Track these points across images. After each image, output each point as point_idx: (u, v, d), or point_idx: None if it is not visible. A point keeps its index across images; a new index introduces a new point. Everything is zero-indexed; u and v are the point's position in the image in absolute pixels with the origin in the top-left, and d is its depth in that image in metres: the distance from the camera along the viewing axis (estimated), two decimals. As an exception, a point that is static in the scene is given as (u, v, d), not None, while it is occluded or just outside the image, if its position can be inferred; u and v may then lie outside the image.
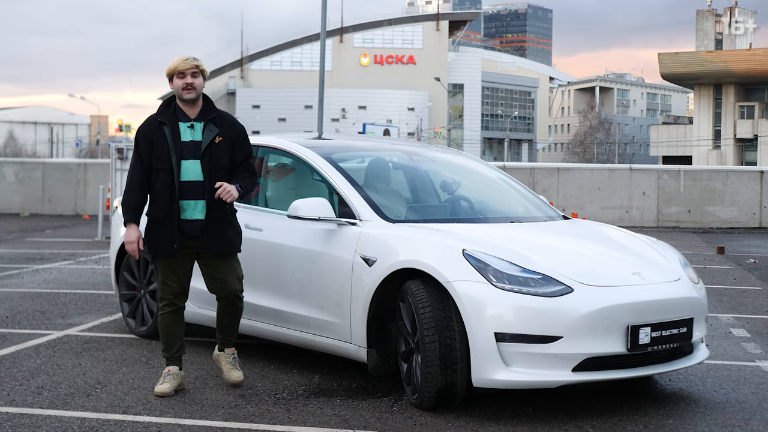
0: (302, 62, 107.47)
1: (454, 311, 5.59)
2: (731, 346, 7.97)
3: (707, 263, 15.35)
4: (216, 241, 6.10)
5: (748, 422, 5.63)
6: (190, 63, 6.12)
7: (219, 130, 6.13)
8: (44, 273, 12.78)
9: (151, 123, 6.15)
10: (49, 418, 5.53)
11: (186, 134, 6.11)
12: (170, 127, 6.09)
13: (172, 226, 6.05)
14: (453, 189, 7.42)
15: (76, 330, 8.37)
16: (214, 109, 6.23)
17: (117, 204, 8.66)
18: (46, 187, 27.56)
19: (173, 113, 6.15)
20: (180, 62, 6.11)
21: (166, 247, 6.10)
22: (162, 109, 6.18)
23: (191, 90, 6.10)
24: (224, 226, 6.13)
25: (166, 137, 6.06)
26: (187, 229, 6.09)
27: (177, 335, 6.25)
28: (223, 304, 6.30)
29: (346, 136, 9.38)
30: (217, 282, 6.23)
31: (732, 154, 74.37)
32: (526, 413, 5.71)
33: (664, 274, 6.06)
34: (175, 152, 6.04)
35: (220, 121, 6.18)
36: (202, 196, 6.07)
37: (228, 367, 6.31)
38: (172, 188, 6.04)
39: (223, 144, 6.12)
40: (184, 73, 6.10)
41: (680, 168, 26.04)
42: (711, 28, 79.03)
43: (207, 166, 6.06)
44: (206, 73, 6.20)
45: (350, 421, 5.54)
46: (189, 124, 6.13)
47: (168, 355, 6.25)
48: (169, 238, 6.07)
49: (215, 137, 6.11)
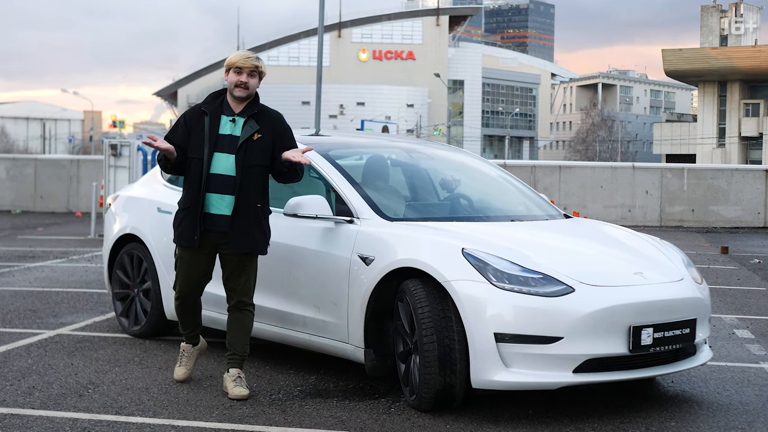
0: (299, 57, 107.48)
1: (453, 311, 5.59)
2: (735, 348, 7.97)
3: (711, 263, 15.36)
4: (240, 238, 6.08)
5: (752, 425, 5.63)
6: (251, 62, 6.13)
7: (259, 127, 6.13)
8: (36, 271, 12.78)
9: (195, 111, 6.23)
10: (41, 419, 5.53)
11: (225, 127, 6.13)
12: (211, 118, 6.13)
13: (194, 217, 6.08)
14: (452, 187, 7.42)
15: (68, 329, 8.37)
16: (259, 105, 6.23)
17: (110, 201, 8.67)
18: (38, 183, 27.55)
19: (219, 105, 6.20)
20: (241, 58, 6.13)
21: (187, 237, 6.12)
22: (209, 100, 6.24)
23: (244, 89, 6.13)
24: (252, 225, 6.10)
25: (204, 127, 6.11)
26: (211, 223, 6.10)
27: (191, 320, 6.49)
28: (231, 306, 6.28)
29: (344, 132, 9.38)
30: (230, 281, 6.22)
31: (736, 153, 74.43)
32: (526, 415, 5.72)
33: (666, 274, 6.06)
34: (209, 143, 6.07)
35: (263, 117, 6.19)
36: (231, 191, 6.07)
37: (231, 385, 6.11)
38: (200, 179, 6.06)
39: (261, 141, 6.10)
40: (241, 70, 6.12)
41: (684, 166, 26.05)
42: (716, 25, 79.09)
43: (240, 162, 6.05)
44: (264, 74, 6.23)
45: (347, 422, 5.54)
46: (231, 118, 6.15)
47: (183, 333, 6.53)
48: (191, 228, 6.09)
49: (254, 134, 6.10)
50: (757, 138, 74.45)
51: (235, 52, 6.25)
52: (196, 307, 6.44)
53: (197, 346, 6.57)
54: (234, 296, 6.23)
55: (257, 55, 6.24)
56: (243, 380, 6.16)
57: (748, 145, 75.85)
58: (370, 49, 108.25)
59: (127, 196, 8.42)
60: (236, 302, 6.24)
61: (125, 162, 19.82)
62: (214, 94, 6.28)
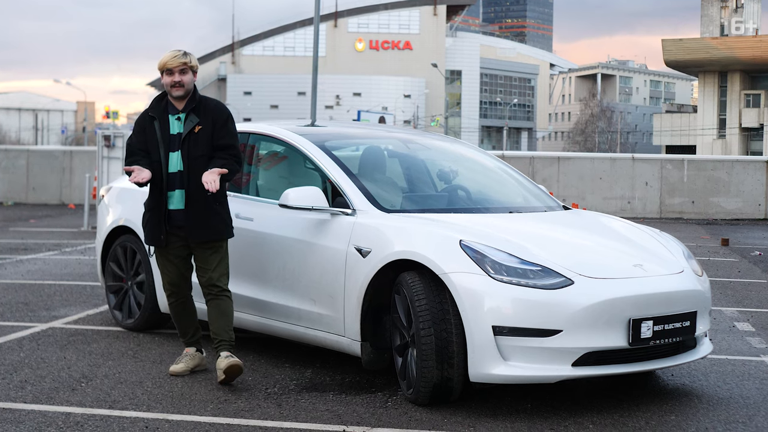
0: (295, 47, 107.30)
1: (450, 304, 5.59)
2: (735, 341, 7.98)
3: (711, 255, 15.37)
4: (197, 228, 6.30)
5: (752, 418, 5.63)
6: (178, 60, 6.33)
7: (199, 119, 6.33)
8: (28, 264, 12.76)
9: (144, 117, 6.47)
10: (33, 413, 5.53)
11: (174, 127, 6.38)
12: (160, 121, 6.37)
13: (159, 217, 6.37)
14: (450, 178, 7.41)
15: (61, 322, 8.36)
16: (198, 99, 6.42)
17: (103, 193, 8.65)
18: (31, 175, 27.52)
19: (165, 107, 6.42)
20: (169, 59, 6.33)
21: (154, 237, 6.41)
22: (154, 104, 6.47)
23: (179, 87, 6.33)
24: (207, 214, 6.29)
25: (155, 131, 6.35)
26: (174, 219, 6.35)
27: (189, 322, 6.62)
28: (206, 295, 6.40)
29: (340, 123, 9.36)
30: (199, 270, 6.41)
31: (737, 144, 74.43)
32: (524, 409, 5.72)
33: (666, 267, 6.06)
34: (163, 145, 6.33)
35: (202, 109, 6.37)
36: (181, 185, 6.31)
37: (225, 363, 6.11)
38: (161, 180, 6.32)
39: (203, 132, 6.32)
40: (172, 71, 6.32)
41: (684, 158, 26.07)
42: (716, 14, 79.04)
43: (186, 155, 6.30)
44: (196, 68, 6.42)
45: (343, 416, 5.54)
46: (177, 116, 6.39)
47: (184, 341, 6.64)
48: (156, 228, 6.39)
49: (194, 127, 6.32)
50: (757, 129, 74.45)
51: (165, 53, 6.43)
52: (190, 307, 6.62)
53: (201, 354, 6.62)
54: (207, 284, 6.37)
55: (185, 51, 6.41)
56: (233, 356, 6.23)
57: (749, 136, 75.85)
58: (367, 39, 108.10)
59: (121, 188, 8.40)
60: (210, 289, 6.36)
61: (119, 153, 19.81)
62: (158, 97, 6.51)
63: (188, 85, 6.34)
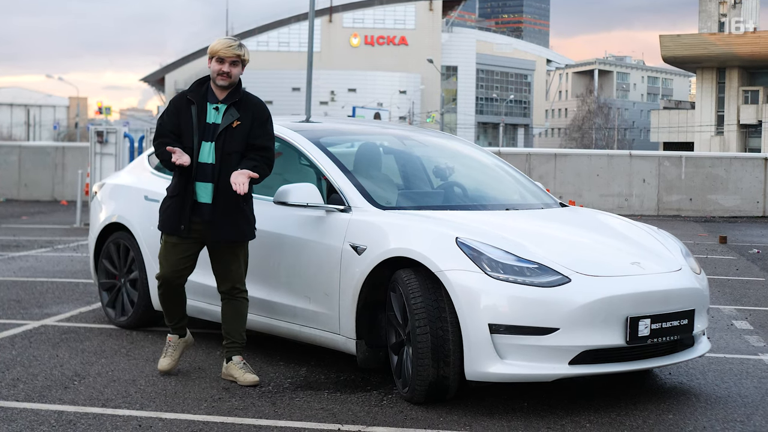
0: (290, 43, 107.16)
1: (446, 301, 5.59)
2: (733, 339, 7.99)
3: (709, 253, 15.39)
4: (224, 227, 6.16)
5: (750, 417, 5.64)
6: (233, 51, 6.17)
7: (240, 114, 6.18)
8: (20, 261, 12.74)
9: (182, 99, 6.29)
10: (25, 411, 5.52)
11: (211, 116, 6.22)
12: (198, 107, 6.20)
13: (183, 206, 6.16)
14: (446, 175, 7.42)
15: (54, 320, 8.35)
16: (241, 92, 6.27)
17: (96, 189, 8.64)
18: (23, 171, 27.47)
19: (204, 93, 6.26)
20: (223, 47, 6.17)
21: (173, 226, 6.21)
22: (194, 87, 6.31)
23: (226, 78, 6.19)
24: (233, 213, 6.17)
25: (191, 116, 6.18)
26: (198, 212, 6.17)
27: (176, 310, 6.45)
28: (223, 294, 6.34)
29: (335, 119, 9.36)
30: (218, 268, 6.31)
31: (735, 141, 74.47)
32: (521, 407, 5.72)
33: (664, 264, 6.07)
34: (197, 132, 6.16)
35: (244, 104, 6.23)
36: (211, 179, 6.15)
37: (240, 372, 6.21)
38: (190, 168, 6.13)
39: (241, 128, 6.17)
40: (223, 60, 6.17)
41: (682, 154, 26.07)
42: (714, 10, 79.02)
43: (220, 149, 6.15)
44: (247, 61, 6.26)
45: (338, 415, 5.54)
46: (215, 106, 6.23)
47: (169, 324, 6.50)
48: (178, 216, 6.18)
49: (234, 121, 6.17)
50: (756, 126, 74.49)
51: (218, 38, 6.29)
52: (180, 295, 6.44)
53: (184, 338, 6.55)
54: (226, 284, 6.29)
55: (240, 41, 6.28)
56: (248, 366, 6.29)
57: (747, 132, 75.89)
58: (362, 35, 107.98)
59: (114, 184, 8.40)
60: (230, 290, 6.29)
61: (111, 149, 19.77)
62: (199, 81, 6.34)
63: (235, 77, 6.21)
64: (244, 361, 6.30)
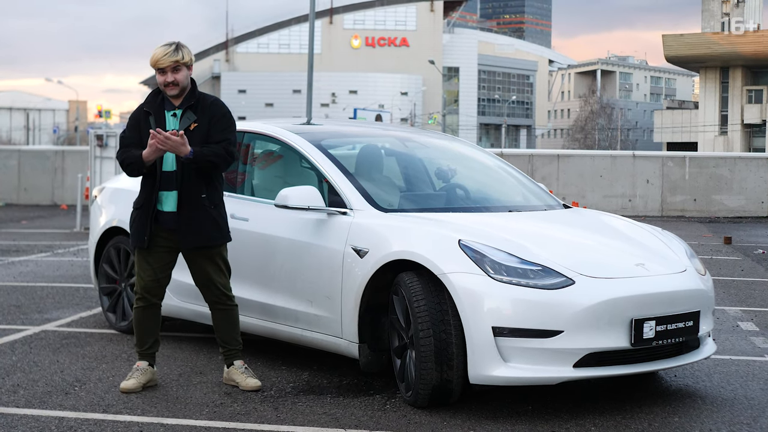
0: (290, 45, 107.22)
1: (449, 304, 5.58)
2: (739, 341, 7.98)
3: (714, 254, 15.38)
4: (189, 234, 6.10)
5: (757, 419, 5.63)
6: (170, 59, 6.03)
7: (196, 117, 6.12)
8: (20, 265, 12.74)
9: (140, 112, 6.23)
10: (26, 418, 5.52)
11: (170, 123, 6.14)
12: (155, 117, 6.13)
13: (145, 217, 6.12)
14: (448, 177, 7.41)
15: (54, 325, 8.35)
16: (196, 95, 6.20)
17: (96, 193, 8.64)
18: (22, 175, 27.48)
19: (161, 102, 6.19)
20: (160, 56, 6.04)
21: (138, 238, 6.16)
22: (150, 99, 6.23)
23: (173, 87, 6.10)
24: (200, 218, 6.10)
25: (150, 127, 6.08)
26: (162, 221, 6.11)
27: (150, 331, 6.27)
28: (210, 304, 6.31)
29: (336, 121, 9.36)
30: (198, 278, 6.26)
31: (739, 140, 74.45)
32: (525, 411, 5.71)
33: (669, 266, 6.06)
34: None
35: (200, 106, 6.16)
36: (175, 186, 6.09)
37: (242, 377, 6.20)
38: (154, 178, 6.10)
39: (198, 130, 6.09)
40: (164, 70, 6.07)
41: (685, 155, 26.06)
42: (717, 9, 79.01)
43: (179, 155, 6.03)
44: (190, 62, 6.14)
45: (341, 419, 5.53)
46: (172, 113, 6.16)
47: (139, 351, 6.28)
48: (142, 228, 6.13)
49: (190, 124, 6.11)
50: (760, 125, 74.48)
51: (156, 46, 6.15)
52: (156, 315, 6.29)
53: (152, 369, 6.28)
54: (212, 293, 6.24)
55: (178, 43, 6.12)
56: (249, 370, 6.28)
57: (751, 132, 75.87)
58: (363, 36, 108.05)
59: (114, 188, 8.39)
60: (218, 298, 6.25)
61: (111, 153, 19.79)
62: (154, 91, 6.26)
63: (183, 82, 6.10)
64: (245, 366, 6.29)
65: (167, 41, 6.17)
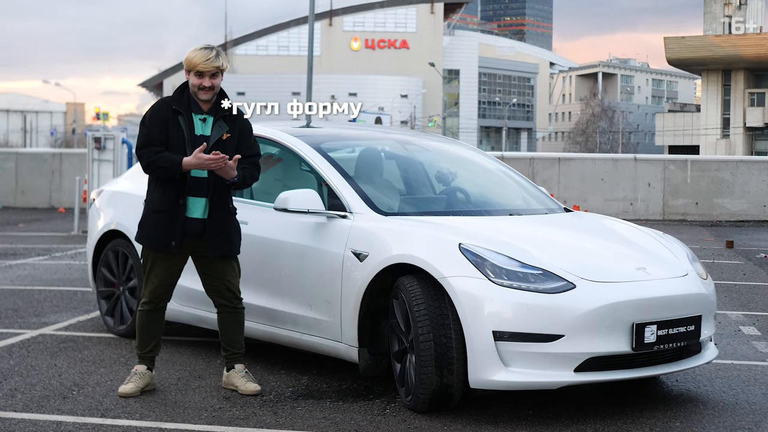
0: (289, 47, 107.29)
1: (449, 308, 5.59)
2: (741, 345, 7.98)
3: (716, 258, 15.38)
4: (218, 241, 6.11)
5: (759, 424, 5.64)
6: (212, 65, 6.00)
7: (228, 127, 6.11)
8: (17, 269, 12.75)
9: (165, 107, 6.08)
10: (23, 422, 5.52)
11: (198, 127, 6.09)
12: (185, 117, 6.05)
13: (174, 222, 6.03)
14: (449, 180, 7.42)
15: (52, 329, 8.35)
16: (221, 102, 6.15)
17: (94, 196, 8.65)
18: (20, 178, 27.48)
19: (187, 103, 6.10)
20: (201, 61, 5.99)
21: (163, 243, 6.07)
22: (177, 97, 6.12)
23: (208, 91, 6.06)
24: (227, 226, 6.14)
25: (181, 128, 6.03)
26: (188, 228, 6.07)
27: (153, 334, 6.27)
28: (221, 307, 6.30)
29: (335, 124, 9.37)
30: (215, 282, 6.25)
31: (741, 144, 74.46)
32: (525, 416, 5.72)
33: (670, 270, 6.07)
34: (191, 146, 5.99)
35: (231, 116, 6.15)
36: (205, 193, 6.06)
37: (242, 381, 6.20)
38: (182, 182, 6.01)
39: (230, 140, 6.09)
40: (203, 74, 6.02)
41: (687, 158, 26.07)
42: (719, 12, 79.03)
43: None
44: (226, 68, 6.12)
45: (341, 424, 5.54)
46: (201, 117, 6.11)
47: (140, 353, 6.28)
48: (168, 233, 6.04)
49: (224, 134, 6.08)
50: (762, 128, 74.49)
51: (192, 48, 6.10)
52: (160, 318, 6.30)
53: (150, 373, 6.28)
54: (226, 297, 6.25)
55: (218, 49, 6.10)
56: (250, 375, 6.28)
57: (754, 135, 75.87)
58: (363, 38, 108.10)
59: (112, 191, 8.40)
60: (230, 301, 6.26)
61: (109, 156, 19.80)
62: (179, 89, 6.17)
63: (217, 88, 6.08)
64: (246, 370, 6.30)
65: (203, 45, 6.12)
